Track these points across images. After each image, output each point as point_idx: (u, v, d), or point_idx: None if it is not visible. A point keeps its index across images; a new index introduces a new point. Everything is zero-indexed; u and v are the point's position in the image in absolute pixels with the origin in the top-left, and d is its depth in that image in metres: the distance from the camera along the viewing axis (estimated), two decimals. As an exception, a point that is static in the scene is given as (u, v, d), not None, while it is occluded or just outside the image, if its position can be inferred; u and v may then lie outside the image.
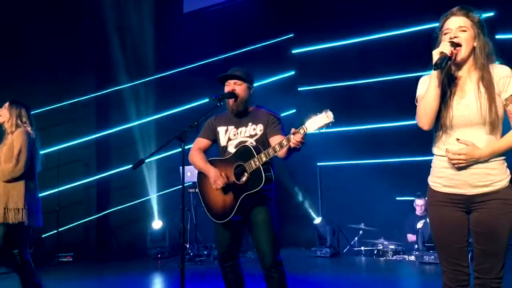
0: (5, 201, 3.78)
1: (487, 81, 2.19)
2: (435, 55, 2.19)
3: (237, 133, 3.27)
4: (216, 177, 3.14)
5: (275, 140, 3.07)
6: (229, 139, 3.29)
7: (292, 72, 8.64)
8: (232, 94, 3.24)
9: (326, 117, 2.71)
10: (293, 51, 8.65)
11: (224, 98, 3.23)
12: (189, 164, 3.41)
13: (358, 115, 7.73)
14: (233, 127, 3.30)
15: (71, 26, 8.04)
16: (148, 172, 8.08)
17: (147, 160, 3.14)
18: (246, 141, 3.21)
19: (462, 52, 2.22)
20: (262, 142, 3.19)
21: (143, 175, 8.04)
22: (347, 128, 7.75)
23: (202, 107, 7.33)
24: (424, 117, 2.27)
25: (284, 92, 8.26)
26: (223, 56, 8.51)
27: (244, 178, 3.07)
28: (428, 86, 2.26)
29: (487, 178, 2.19)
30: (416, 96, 2.40)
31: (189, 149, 3.36)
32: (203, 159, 3.33)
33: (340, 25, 8.05)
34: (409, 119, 7.44)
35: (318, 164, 8.24)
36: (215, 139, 3.40)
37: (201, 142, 3.42)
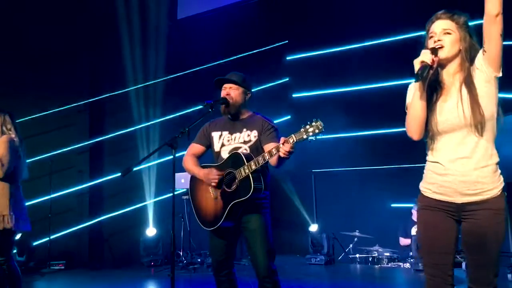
0: None
1: (469, 83, 2.14)
2: (416, 64, 2.15)
3: (231, 139, 3.25)
4: (207, 176, 3.13)
5: (269, 147, 3.05)
6: (223, 145, 3.27)
7: (287, 79, 8.64)
8: (225, 100, 3.22)
9: (316, 126, 2.71)
10: (287, 58, 8.65)
11: (217, 104, 3.21)
12: (181, 170, 3.39)
13: (352, 121, 7.72)
14: (227, 132, 3.28)
15: (65, 31, 7.98)
16: (142, 179, 8.02)
17: (138, 167, 3.11)
18: (240, 147, 3.19)
19: (445, 53, 2.17)
20: (256, 149, 3.18)
21: (136, 182, 7.97)
22: (341, 135, 7.75)
23: (197, 114, 7.30)
24: (412, 127, 2.25)
25: (278, 99, 8.25)
26: (217, 63, 8.49)
27: (234, 186, 3.05)
28: (413, 96, 2.23)
29: (476, 187, 2.12)
30: (406, 104, 2.35)
31: (181, 155, 3.34)
32: (195, 164, 3.32)
33: (334, 31, 8.07)
34: (404, 126, 7.47)
35: (313, 170, 8.22)
36: (209, 145, 3.38)
37: (195, 147, 3.40)
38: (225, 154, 3.22)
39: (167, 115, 8.25)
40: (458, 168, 2.14)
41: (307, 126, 2.73)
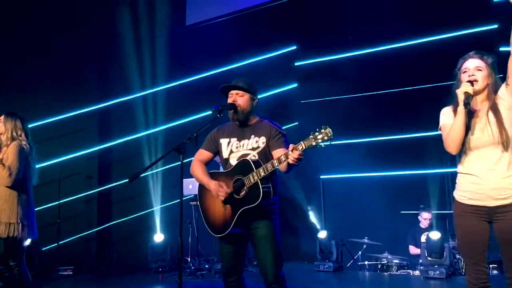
0: None
1: (495, 110, 2.69)
2: (460, 94, 2.66)
3: (240, 146, 3.25)
4: (216, 190, 3.11)
5: (277, 153, 3.07)
6: (231, 152, 3.27)
7: (295, 85, 8.62)
8: (233, 106, 3.21)
9: (325, 133, 2.73)
10: (296, 64, 8.64)
11: (225, 109, 3.21)
12: (189, 176, 3.38)
13: (361, 128, 7.68)
14: (235, 139, 3.28)
15: (74, 37, 8.04)
16: (150, 185, 8.03)
17: (146, 173, 3.12)
18: (248, 154, 3.19)
19: (479, 85, 2.70)
20: (265, 155, 3.17)
21: (144, 187, 7.99)
22: (350, 141, 7.70)
23: (205, 119, 7.31)
24: (452, 145, 2.74)
25: (286, 105, 8.23)
26: (226, 69, 8.50)
27: (243, 193, 3.04)
28: (455, 119, 2.71)
29: (506, 192, 2.62)
30: (440, 125, 2.89)
31: (189, 161, 3.33)
32: (203, 172, 3.30)
33: (343, 37, 8.04)
34: (413, 132, 7.42)
35: (321, 177, 8.17)
36: (217, 152, 3.37)
37: (203, 154, 3.39)
38: (233, 161, 3.22)
39: (175, 120, 8.27)
40: (489, 178, 2.64)
41: (316, 133, 2.74)
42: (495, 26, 6.72)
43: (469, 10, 6.96)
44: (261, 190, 2.95)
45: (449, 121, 2.78)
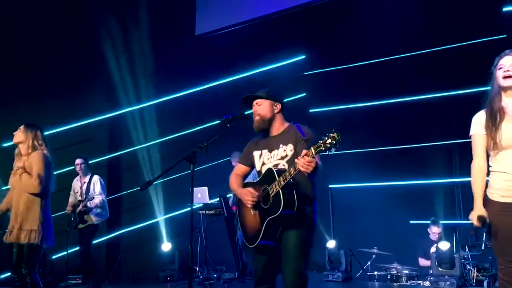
0: (20, 221, 3.85)
1: None
2: (474, 222, 2.78)
3: (271, 157, 3.25)
4: (244, 196, 3.15)
5: None
6: (263, 164, 3.27)
7: (304, 94, 8.63)
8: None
9: (332, 137, 2.69)
10: (305, 73, 8.66)
11: (235, 119, 3.23)
12: (199, 185, 3.41)
13: (370, 136, 7.67)
14: (266, 150, 3.28)
15: (84, 46, 8.13)
16: (158, 194, 8.05)
17: (156, 182, 3.13)
18: (278, 164, 3.17)
19: None
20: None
21: (153, 196, 8.01)
22: (359, 150, 7.68)
23: (216, 128, 7.33)
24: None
25: (295, 114, 8.17)
26: (234, 78, 8.55)
27: (269, 202, 3.02)
28: (474, 195, 2.81)
29: None
30: (470, 134, 2.92)
31: (198, 170, 3.35)
32: (238, 184, 3.35)
33: (351, 46, 8.06)
34: (423, 142, 7.39)
35: (330, 186, 8.15)
36: (252, 164, 3.39)
37: (240, 168, 3.44)
38: None
39: (185, 130, 8.30)
40: None
41: (325, 138, 2.72)
42: (504, 36, 6.70)
43: (478, 20, 6.96)
44: (282, 198, 2.90)
45: (479, 131, 2.83)
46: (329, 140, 2.70)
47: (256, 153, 3.34)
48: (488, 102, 2.85)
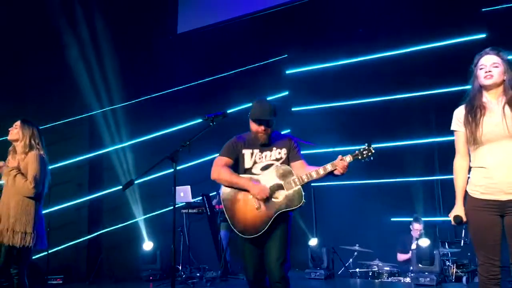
0: (13, 223, 3.75)
1: (511, 104, 2.77)
2: (452, 220, 2.94)
3: (262, 157, 3.47)
4: (262, 191, 3.28)
5: (297, 164, 3.45)
6: (255, 162, 3.45)
7: (286, 93, 8.66)
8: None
9: (369, 150, 3.43)
10: (287, 72, 8.68)
11: (218, 117, 3.28)
12: (182, 184, 3.41)
13: (352, 135, 7.70)
14: (258, 150, 3.48)
15: (62, 46, 8.00)
16: (140, 193, 7.98)
17: (138, 181, 3.11)
18: (272, 164, 3.43)
19: (493, 80, 2.79)
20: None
21: (134, 196, 7.95)
22: (340, 149, 7.71)
23: (196, 127, 7.31)
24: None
25: (278, 113, 8.23)
26: (218, 76, 8.53)
27: (282, 196, 3.29)
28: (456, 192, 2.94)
29: None
30: (451, 129, 3.00)
31: (180, 169, 3.34)
32: (236, 174, 3.42)
33: (334, 45, 8.10)
34: (404, 140, 7.47)
35: (312, 184, 8.18)
36: (237, 160, 3.49)
37: (226, 160, 3.49)
38: (256, 170, 3.43)
39: (167, 128, 8.26)
40: (503, 171, 2.71)
41: (361, 149, 3.44)
42: (483, 35, 6.82)
43: (458, 19, 7.07)
44: (302, 194, 3.28)
45: (458, 129, 2.91)
46: (366, 152, 3.38)
47: (246, 151, 3.47)
48: (469, 100, 2.89)
